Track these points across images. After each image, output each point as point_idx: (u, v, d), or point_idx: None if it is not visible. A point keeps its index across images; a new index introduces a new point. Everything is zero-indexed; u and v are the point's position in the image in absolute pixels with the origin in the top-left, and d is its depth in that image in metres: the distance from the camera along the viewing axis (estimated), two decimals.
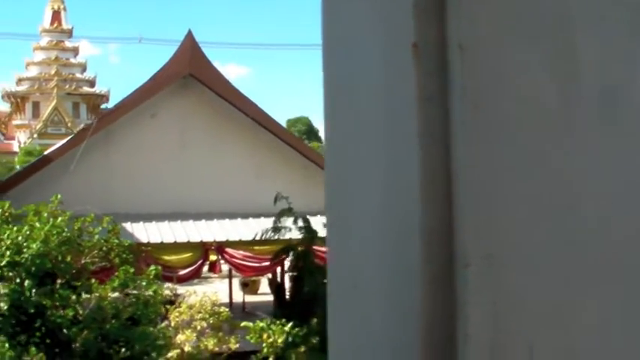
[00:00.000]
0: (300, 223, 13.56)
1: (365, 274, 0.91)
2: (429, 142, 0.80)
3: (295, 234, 14.25)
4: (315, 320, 13.30)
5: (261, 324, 14.51)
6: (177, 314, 15.02)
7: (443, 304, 0.80)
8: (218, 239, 19.57)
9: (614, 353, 0.83)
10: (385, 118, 0.86)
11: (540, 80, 0.81)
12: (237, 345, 15.01)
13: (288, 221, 14.00)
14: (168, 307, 15.04)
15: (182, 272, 18.84)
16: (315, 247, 14.37)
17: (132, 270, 13.83)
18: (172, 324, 14.88)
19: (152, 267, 14.62)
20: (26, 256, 12.63)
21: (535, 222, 0.81)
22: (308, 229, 13.71)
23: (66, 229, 13.32)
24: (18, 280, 12.52)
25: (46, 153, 22.80)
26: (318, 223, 14.44)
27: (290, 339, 13.84)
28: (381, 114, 0.87)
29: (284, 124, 44.44)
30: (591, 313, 0.82)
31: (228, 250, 19.67)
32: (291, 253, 14.73)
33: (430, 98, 0.80)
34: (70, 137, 24.09)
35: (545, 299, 0.81)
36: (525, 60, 0.81)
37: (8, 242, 12.74)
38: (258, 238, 15.10)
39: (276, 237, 14.27)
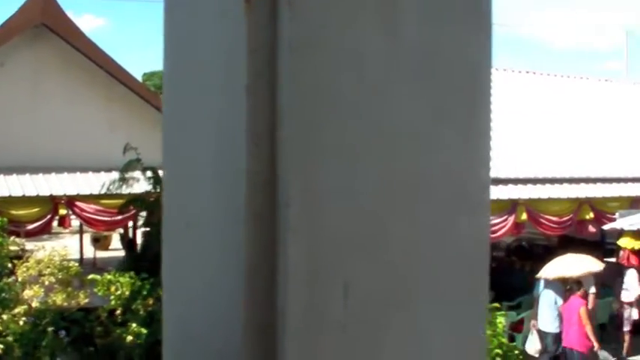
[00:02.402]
0: (149, 173, 13.33)
1: (198, 214, 0.94)
2: (255, 90, 0.83)
3: (145, 186, 13.98)
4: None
5: (109, 276, 14.35)
6: (24, 269, 14.49)
7: (264, 242, 0.83)
8: (68, 193, 19.06)
9: (426, 288, 0.90)
10: (219, 69, 0.89)
11: (364, 34, 0.85)
12: (87, 300, 14.67)
13: (137, 173, 13.71)
14: (15, 262, 14.61)
15: (30, 227, 18.31)
16: None
17: None
18: (20, 279, 14.42)
19: None
20: None
21: (351, 166, 0.85)
22: (156, 180, 13.53)
23: None
24: None
25: None
26: None
27: (137, 290, 13.79)
28: (216, 66, 0.90)
29: (140, 77, 43.66)
30: (402, 253, 0.88)
31: (79, 203, 19.21)
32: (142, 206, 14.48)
33: (258, 50, 0.84)
34: None
35: (359, 240, 0.86)
36: (351, 14, 0.84)
37: None
38: (104, 189, 14.72)
39: (123, 188, 13.94)
